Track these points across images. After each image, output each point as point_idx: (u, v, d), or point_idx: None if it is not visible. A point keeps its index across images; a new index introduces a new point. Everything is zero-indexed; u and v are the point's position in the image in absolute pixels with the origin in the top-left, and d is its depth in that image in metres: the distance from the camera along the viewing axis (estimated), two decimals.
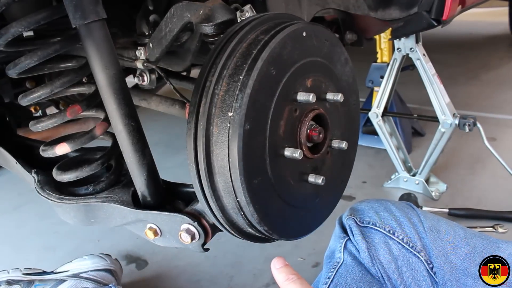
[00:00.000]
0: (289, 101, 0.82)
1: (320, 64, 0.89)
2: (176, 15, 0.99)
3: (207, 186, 0.81)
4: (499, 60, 4.53)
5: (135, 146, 0.98)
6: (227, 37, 0.83)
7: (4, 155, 1.36)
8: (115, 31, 1.31)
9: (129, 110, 0.96)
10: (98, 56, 0.92)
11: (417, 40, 2.18)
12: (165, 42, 1.04)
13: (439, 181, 2.32)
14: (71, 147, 1.09)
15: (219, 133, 0.77)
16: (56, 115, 1.10)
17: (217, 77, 0.79)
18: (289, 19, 0.90)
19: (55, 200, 1.13)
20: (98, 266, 1.57)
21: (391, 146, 2.35)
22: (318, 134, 0.88)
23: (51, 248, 2.06)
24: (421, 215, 1.15)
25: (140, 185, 1.03)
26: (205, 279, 1.78)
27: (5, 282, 1.49)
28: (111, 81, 0.93)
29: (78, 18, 0.88)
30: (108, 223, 1.11)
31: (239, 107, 0.75)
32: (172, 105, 1.28)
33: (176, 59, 1.20)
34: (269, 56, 0.77)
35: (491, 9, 6.48)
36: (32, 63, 1.00)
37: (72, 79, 1.08)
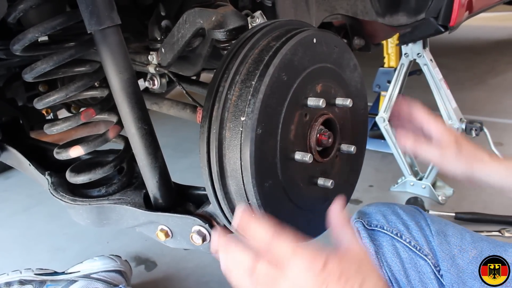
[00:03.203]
0: (300, 106, 0.84)
1: (329, 70, 0.91)
2: (188, 21, 1.01)
3: (219, 189, 0.83)
4: (506, 65, 4.52)
5: (148, 149, 1.00)
6: (239, 43, 0.85)
7: (18, 157, 1.38)
8: (128, 36, 1.34)
9: (142, 114, 0.98)
10: (113, 61, 0.94)
11: (424, 45, 2.19)
12: (177, 47, 1.06)
13: (445, 185, 2.33)
14: (85, 149, 1.11)
15: (232, 137, 0.79)
16: (71, 118, 1.12)
17: (229, 83, 0.81)
18: (299, 25, 0.92)
19: (69, 202, 1.15)
20: (108, 267, 1.58)
21: (398, 150, 2.36)
22: (327, 138, 0.89)
23: (61, 249, 2.08)
24: (428, 219, 1.16)
25: (152, 187, 1.05)
26: (213, 281, 1.79)
27: (18, 282, 1.51)
28: (124, 86, 0.96)
29: (94, 24, 0.91)
30: (120, 224, 1.13)
31: (251, 112, 0.76)
32: (183, 109, 1.30)
33: (187, 64, 1.22)
34: (280, 62, 0.79)
35: (497, 14, 6.47)
36: (48, 67, 1.02)
37: (86, 83, 1.10)
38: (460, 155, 1.05)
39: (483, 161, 1.05)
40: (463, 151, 1.05)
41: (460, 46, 5.54)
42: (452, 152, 1.05)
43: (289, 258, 0.69)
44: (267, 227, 0.72)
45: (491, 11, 5.43)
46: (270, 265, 0.70)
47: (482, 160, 1.05)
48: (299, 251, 0.70)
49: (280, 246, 0.70)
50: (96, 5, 0.89)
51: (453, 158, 1.05)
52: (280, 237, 0.71)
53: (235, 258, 0.73)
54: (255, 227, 0.72)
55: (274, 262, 0.70)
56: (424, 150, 1.07)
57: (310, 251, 0.70)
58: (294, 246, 0.70)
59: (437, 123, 1.08)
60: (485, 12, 3.80)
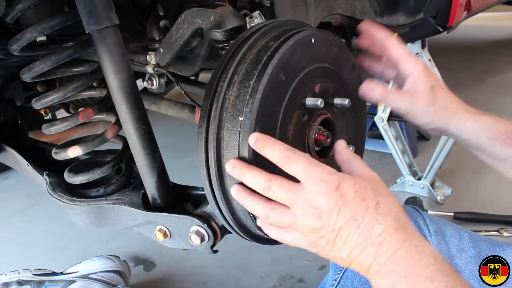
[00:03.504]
0: (298, 106, 0.84)
1: (328, 70, 0.91)
2: (186, 21, 1.01)
3: (217, 189, 0.83)
4: (504, 65, 4.51)
5: (146, 149, 1.00)
6: (237, 43, 0.85)
7: (16, 157, 1.38)
8: (126, 36, 1.34)
9: (140, 114, 0.98)
10: (111, 61, 0.94)
11: (423, 45, 2.19)
12: (176, 47, 1.06)
13: (444, 185, 2.33)
14: (83, 150, 1.11)
15: (230, 137, 0.79)
16: (69, 118, 1.12)
17: (228, 83, 0.81)
18: (298, 25, 0.92)
19: (67, 202, 1.15)
20: (107, 268, 1.58)
21: (396, 150, 2.36)
22: (326, 138, 0.89)
23: (60, 249, 2.08)
24: (427, 219, 1.16)
25: (151, 188, 1.05)
26: (212, 281, 1.79)
27: (16, 282, 1.51)
28: (123, 86, 0.96)
29: (92, 24, 0.91)
30: (119, 224, 1.13)
31: (250, 112, 0.76)
32: (181, 109, 1.30)
33: (186, 64, 1.22)
34: (278, 62, 0.78)
35: (496, 14, 6.47)
36: (46, 67, 1.02)
37: (85, 83, 1.10)
38: (432, 106, 0.95)
39: (457, 114, 0.96)
40: (437, 103, 0.96)
41: (459, 46, 5.55)
42: (424, 103, 0.95)
43: (303, 176, 0.70)
44: (282, 144, 0.73)
45: (490, 11, 5.43)
46: (285, 183, 0.72)
47: (457, 113, 0.96)
48: (313, 168, 0.70)
49: (295, 162, 0.71)
50: (94, 5, 0.89)
51: (424, 109, 0.95)
52: (295, 152, 0.72)
53: (251, 179, 0.74)
54: (272, 143, 0.73)
55: (288, 182, 0.72)
56: (393, 99, 0.96)
57: (323, 170, 0.71)
58: (308, 163, 0.71)
59: (415, 64, 0.97)
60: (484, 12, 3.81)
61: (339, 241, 0.70)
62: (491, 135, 0.96)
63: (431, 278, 0.65)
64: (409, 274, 0.66)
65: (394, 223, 0.70)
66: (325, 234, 0.70)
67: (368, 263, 0.69)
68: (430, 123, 0.97)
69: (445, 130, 0.98)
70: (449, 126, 0.96)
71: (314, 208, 0.70)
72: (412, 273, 0.66)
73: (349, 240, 0.69)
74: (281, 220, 0.73)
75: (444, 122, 0.97)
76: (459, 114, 0.96)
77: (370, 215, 0.69)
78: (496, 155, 0.98)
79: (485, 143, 0.97)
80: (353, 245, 0.69)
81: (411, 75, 0.96)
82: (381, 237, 0.68)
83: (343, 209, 0.69)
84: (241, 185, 0.77)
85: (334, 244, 0.71)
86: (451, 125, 0.96)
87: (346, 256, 0.71)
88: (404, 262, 0.67)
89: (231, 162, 0.76)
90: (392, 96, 0.94)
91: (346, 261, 0.72)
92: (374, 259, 0.68)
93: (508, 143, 0.96)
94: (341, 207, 0.69)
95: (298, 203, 0.71)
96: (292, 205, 0.72)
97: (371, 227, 0.69)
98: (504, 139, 0.96)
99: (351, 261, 0.71)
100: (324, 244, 0.71)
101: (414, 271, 0.66)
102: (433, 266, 0.66)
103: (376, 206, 0.70)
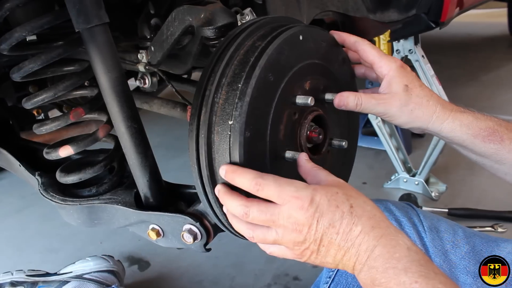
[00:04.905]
0: (288, 105, 0.84)
1: (317, 66, 0.90)
2: (177, 18, 1.00)
3: (208, 187, 0.82)
4: (498, 61, 4.53)
5: (138, 148, 0.99)
6: (224, 44, 0.84)
7: (8, 158, 1.37)
8: (117, 35, 1.33)
9: (131, 113, 0.98)
10: (101, 60, 0.93)
11: (416, 41, 2.20)
12: (167, 45, 1.05)
13: (438, 182, 2.33)
14: (74, 149, 1.10)
15: (221, 141, 0.78)
16: (60, 118, 1.12)
17: (216, 86, 0.80)
18: (286, 22, 0.91)
19: (59, 202, 1.14)
20: (101, 268, 1.58)
21: (390, 147, 2.36)
22: (318, 135, 0.89)
23: (54, 250, 2.07)
24: (421, 215, 1.16)
25: (143, 187, 1.04)
26: (207, 280, 1.79)
27: (9, 283, 1.50)
28: (113, 84, 0.95)
29: (81, 23, 0.90)
30: (111, 224, 1.12)
31: (239, 115, 0.76)
32: (173, 108, 1.30)
33: (177, 62, 1.21)
34: (266, 63, 0.78)
35: (489, 10, 6.49)
36: (35, 66, 1.01)
37: (75, 83, 1.09)
38: (406, 106, 0.93)
39: (435, 113, 0.95)
40: (411, 102, 0.94)
41: (453, 43, 5.56)
42: (397, 104, 0.93)
43: (277, 197, 0.73)
44: (251, 172, 0.75)
45: (483, 8, 5.44)
46: (261, 206, 0.74)
47: (434, 112, 0.95)
48: (284, 188, 0.73)
49: (266, 187, 0.74)
50: (83, 4, 0.88)
51: (399, 109, 0.93)
52: (264, 177, 0.74)
53: (230, 206, 0.77)
54: (240, 173, 0.76)
55: (264, 205, 0.74)
56: (366, 106, 0.93)
57: (295, 187, 0.73)
58: (279, 185, 0.73)
59: (388, 65, 0.95)
60: (477, 9, 3.80)
61: (322, 249, 0.73)
62: (472, 133, 0.95)
63: (405, 269, 0.67)
64: (386, 268, 0.68)
65: (370, 221, 0.72)
66: (308, 246, 0.74)
67: (352, 263, 0.72)
68: (408, 123, 0.96)
69: (424, 128, 0.97)
70: (428, 125, 0.96)
71: (293, 224, 0.72)
72: (389, 267, 0.68)
73: (331, 246, 0.73)
74: (264, 239, 0.77)
75: (421, 121, 0.95)
76: (437, 112, 0.95)
77: (346, 219, 0.72)
78: (479, 152, 0.98)
79: (467, 140, 0.96)
80: (336, 250, 0.73)
81: (385, 76, 0.96)
82: (360, 238, 0.71)
83: (321, 220, 0.72)
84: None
85: (319, 252, 0.74)
86: (429, 123, 0.95)
87: (332, 260, 0.74)
88: (382, 257, 0.69)
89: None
90: (365, 102, 0.92)
91: (333, 265, 0.75)
92: (357, 258, 0.71)
93: (490, 140, 0.95)
94: (319, 218, 0.72)
95: (278, 223, 0.73)
96: (272, 225, 0.75)
97: (349, 231, 0.72)
98: (486, 136, 0.95)
99: (337, 263, 0.74)
100: (309, 254, 0.75)
101: (390, 264, 0.68)
102: (407, 258, 0.69)
103: (351, 209, 0.73)
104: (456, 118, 0.95)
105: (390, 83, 0.95)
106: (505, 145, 0.95)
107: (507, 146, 0.95)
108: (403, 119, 0.95)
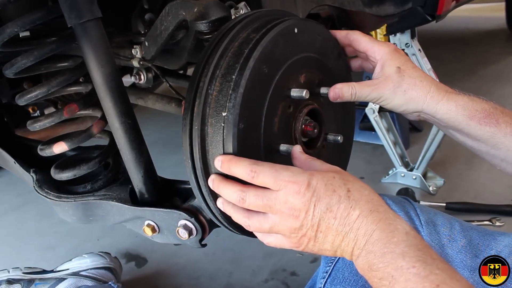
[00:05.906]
0: (283, 98, 0.83)
1: (313, 59, 0.90)
2: (171, 13, 0.99)
3: (203, 182, 0.82)
4: (496, 55, 4.52)
5: (132, 143, 0.99)
6: (219, 36, 0.84)
7: (3, 155, 1.37)
8: (111, 30, 1.32)
9: (125, 108, 0.97)
10: (94, 55, 0.93)
11: (412, 35, 2.19)
12: (161, 40, 1.04)
13: (436, 176, 2.33)
14: (68, 145, 1.10)
15: (214, 133, 0.78)
16: (54, 114, 1.11)
17: (210, 77, 0.80)
18: (281, 15, 0.90)
19: (54, 199, 1.14)
20: (98, 264, 1.57)
21: (388, 141, 2.36)
22: (313, 129, 0.89)
23: (51, 248, 2.07)
24: (418, 209, 1.15)
25: (138, 182, 1.04)
26: (204, 276, 1.79)
27: (6, 281, 1.49)
28: (107, 80, 0.94)
29: (74, 18, 0.89)
30: (107, 220, 1.12)
31: (233, 106, 0.75)
32: (168, 103, 1.29)
33: (172, 57, 1.20)
34: (260, 54, 0.77)
35: (487, 4, 6.48)
36: (28, 62, 1.00)
37: (69, 79, 1.08)
38: (400, 87, 0.92)
39: (429, 93, 0.93)
40: (404, 83, 0.92)
41: (450, 37, 5.55)
42: (391, 86, 0.92)
43: (273, 183, 0.73)
44: (246, 160, 0.75)
45: (481, 2, 5.43)
46: (258, 191, 0.74)
47: (428, 92, 0.93)
48: (281, 173, 0.73)
49: (261, 173, 0.73)
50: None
51: (392, 91, 0.92)
52: (259, 164, 0.74)
53: (226, 192, 0.77)
54: (235, 162, 0.75)
55: (261, 190, 0.74)
56: (360, 93, 0.92)
57: (291, 172, 0.73)
58: (275, 170, 0.73)
59: (381, 49, 0.94)
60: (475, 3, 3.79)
61: (320, 235, 0.73)
62: (468, 114, 0.93)
63: (403, 254, 0.67)
64: (384, 252, 0.68)
65: (368, 205, 0.72)
66: (305, 232, 0.73)
67: (350, 248, 0.71)
68: (402, 105, 0.94)
69: (419, 110, 0.95)
70: (422, 106, 0.93)
71: (290, 209, 0.72)
72: (387, 251, 0.68)
73: (329, 231, 0.72)
74: (260, 227, 0.76)
75: (416, 102, 0.93)
76: (431, 92, 0.93)
77: (343, 203, 0.71)
78: (475, 136, 0.96)
79: (462, 122, 0.94)
80: (334, 235, 0.72)
81: (378, 61, 0.95)
82: (358, 222, 0.71)
83: (318, 204, 0.71)
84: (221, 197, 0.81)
85: (316, 238, 0.73)
86: (423, 104, 0.93)
87: (330, 247, 0.73)
88: (380, 242, 0.69)
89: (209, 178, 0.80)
90: (359, 90, 0.91)
91: (331, 251, 0.74)
92: (355, 243, 0.71)
93: (486, 122, 0.94)
94: (316, 202, 0.71)
95: (274, 208, 0.73)
96: (269, 211, 0.74)
97: (347, 215, 0.71)
98: (482, 118, 0.94)
99: (336, 250, 0.73)
100: (306, 241, 0.74)
101: (388, 249, 0.68)
102: (405, 242, 0.68)
103: (348, 193, 0.72)
104: (451, 99, 0.94)
105: (383, 66, 0.94)
106: (501, 129, 0.94)
107: (502, 129, 0.94)
108: (397, 101, 0.94)
